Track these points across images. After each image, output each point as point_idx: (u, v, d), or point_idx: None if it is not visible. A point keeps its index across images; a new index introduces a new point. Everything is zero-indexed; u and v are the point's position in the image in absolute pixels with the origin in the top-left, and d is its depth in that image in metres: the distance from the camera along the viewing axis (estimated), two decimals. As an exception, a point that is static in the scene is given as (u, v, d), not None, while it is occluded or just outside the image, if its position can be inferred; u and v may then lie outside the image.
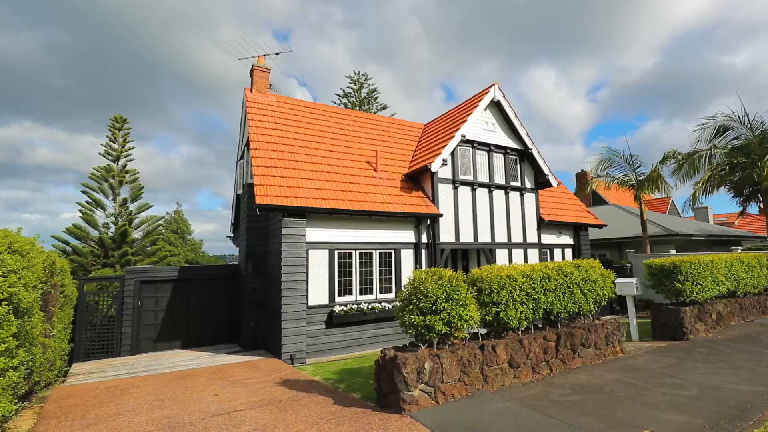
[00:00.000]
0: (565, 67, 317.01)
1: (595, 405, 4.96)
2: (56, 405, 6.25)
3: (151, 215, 24.05)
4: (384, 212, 10.80)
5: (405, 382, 4.78)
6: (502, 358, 5.67)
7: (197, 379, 7.59)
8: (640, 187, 17.93)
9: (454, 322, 5.19)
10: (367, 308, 10.42)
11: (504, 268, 6.12)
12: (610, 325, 7.23)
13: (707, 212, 27.14)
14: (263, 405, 5.64)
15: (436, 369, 5.00)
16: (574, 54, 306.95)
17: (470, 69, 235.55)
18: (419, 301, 5.09)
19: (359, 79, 34.16)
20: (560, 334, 6.42)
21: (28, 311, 4.91)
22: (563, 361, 6.43)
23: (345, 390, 6.39)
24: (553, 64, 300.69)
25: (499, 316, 5.80)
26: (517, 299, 5.95)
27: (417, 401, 4.83)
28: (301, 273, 9.63)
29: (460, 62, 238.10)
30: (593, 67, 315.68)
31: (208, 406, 5.76)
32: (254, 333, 11.17)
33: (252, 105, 12.79)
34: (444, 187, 12.36)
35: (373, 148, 13.50)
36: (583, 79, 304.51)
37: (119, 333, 10.39)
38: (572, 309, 6.76)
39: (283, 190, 9.93)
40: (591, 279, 7.03)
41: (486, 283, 5.73)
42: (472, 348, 5.46)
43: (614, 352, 7.23)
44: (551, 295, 6.41)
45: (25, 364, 4.92)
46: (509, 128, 13.93)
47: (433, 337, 5.20)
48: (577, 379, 6.01)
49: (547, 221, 14.52)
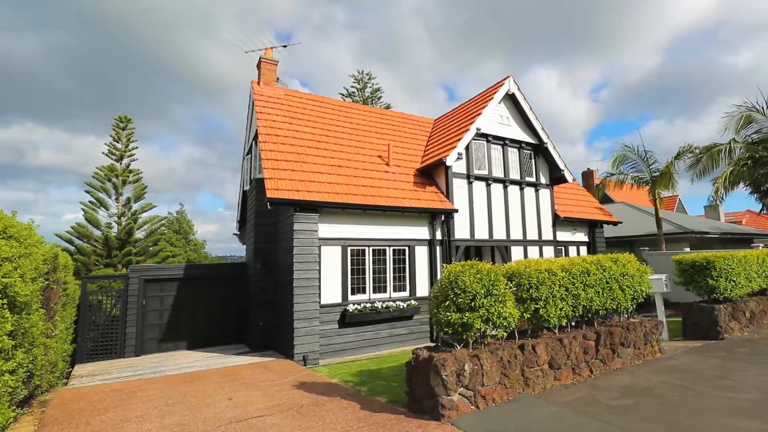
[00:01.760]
0: (567, 67, 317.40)
1: (651, 410, 4.52)
2: (59, 410, 5.80)
3: (155, 215, 23.67)
4: (398, 207, 10.37)
5: (444, 386, 4.34)
6: (542, 358, 5.22)
7: (207, 382, 7.15)
8: (655, 183, 17.51)
9: (493, 319, 4.75)
10: (382, 307, 10.00)
11: (541, 261, 5.68)
12: (648, 323, 6.78)
13: (718, 210, 26.64)
14: (283, 410, 5.20)
15: (476, 371, 4.56)
16: (576, 54, 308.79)
17: (473, 69, 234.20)
18: (456, 297, 4.64)
19: (363, 78, 33.74)
20: (600, 333, 5.98)
21: (26, 306, 4.39)
22: (603, 362, 5.99)
23: (368, 393, 5.95)
24: (556, 64, 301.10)
25: (538, 314, 5.36)
26: (557, 295, 5.50)
27: (457, 406, 4.38)
28: (314, 270, 9.21)
29: (463, 62, 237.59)
30: (596, 67, 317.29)
31: (222, 412, 5.31)
32: (263, 333, 10.74)
33: (260, 98, 12.36)
34: (458, 182, 11.93)
35: (383, 142, 13.09)
36: (585, 79, 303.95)
37: (123, 333, 9.95)
38: (610, 306, 6.32)
39: (294, 183, 9.51)
40: (629, 274, 6.59)
41: (524, 278, 5.28)
42: (511, 348, 5.01)
43: (653, 352, 6.79)
44: (590, 290, 5.97)
45: (25, 366, 4.42)
46: (523, 122, 13.52)
47: (470, 336, 4.76)
48: (621, 380, 5.56)
49: (563, 218, 14.11)
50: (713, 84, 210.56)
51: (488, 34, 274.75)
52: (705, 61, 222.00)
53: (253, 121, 12.67)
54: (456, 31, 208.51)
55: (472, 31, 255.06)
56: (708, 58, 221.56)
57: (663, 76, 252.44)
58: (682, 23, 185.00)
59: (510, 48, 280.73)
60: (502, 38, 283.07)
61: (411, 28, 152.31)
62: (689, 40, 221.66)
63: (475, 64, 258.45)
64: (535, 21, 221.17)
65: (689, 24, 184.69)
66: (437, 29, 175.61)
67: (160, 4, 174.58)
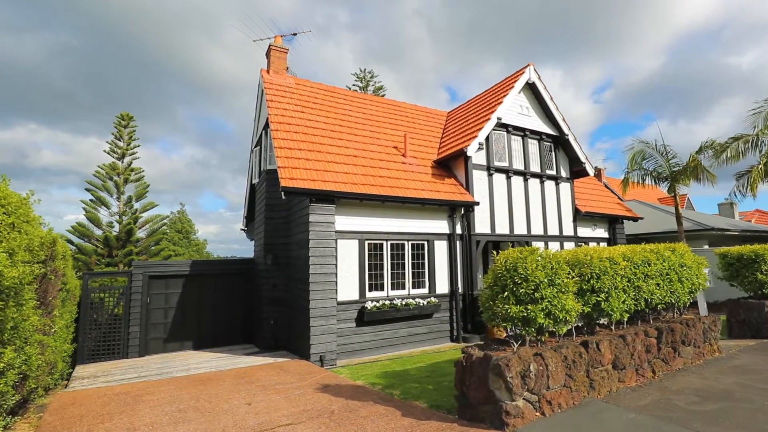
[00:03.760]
0: (570, 68, 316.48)
1: (744, 417, 3.90)
2: (57, 416, 5.17)
3: (156, 214, 23.24)
4: (418, 199, 9.78)
5: (508, 390, 3.71)
6: (607, 358, 4.61)
7: (220, 385, 6.51)
8: (675, 179, 16.91)
9: (555, 313, 4.14)
10: (401, 304, 9.39)
11: (599, 249, 5.06)
12: (707, 320, 6.17)
13: (732, 208, 26.06)
14: (313, 417, 4.56)
15: (542, 372, 3.94)
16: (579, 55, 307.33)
17: (475, 69, 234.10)
18: (517, 287, 4.02)
19: (365, 76, 33.27)
20: (662, 330, 5.36)
21: (14, 293, 3.66)
22: (665, 362, 5.37)
23: (403, 398, 5.32)
24: (559, 65, 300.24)
25: (600, 307, 4.74)
26: (619, 286, 4.90)
27: (522, 413, 3.76)
28: (331, 265, 8.61)
29: (465, 63, 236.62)
30: (598, 68, 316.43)
31: (243, 419, 4.68)
32: (274, 332, 10.11)
33: (270, 86, 11.77)
34: (478, 174, 11.35)
35: (398, 133, 12.52)
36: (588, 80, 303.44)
37: (126, 332, 9.32)
38: (669, 300, 5.71)
39: (309, 173, 8.91)
40: (687, 265, 5.98)
41: (586, 267, 4.67)
42: (575, 346, 4.40)
43: (712, 351, 6.17)
44: (651, 282, 5.36)
45: (16, 367, 3.73)
46: (543, 112, 12.97)
47: (531, 332, 4.15)
48: (690, 382, 4.95)
49: (584, 213, 13.52)
50: (716, 85, 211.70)
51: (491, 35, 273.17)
52: (708, 62, 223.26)
53: (263, 111, 12.09)
54: (458, 32, 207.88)
55: (474, 31, 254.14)
56: (711, 59, 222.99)
57: (666, 77, 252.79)
58: (686, 24, 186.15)
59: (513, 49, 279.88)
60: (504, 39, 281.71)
61: (413, 28, 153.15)
62: (692, 40, 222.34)
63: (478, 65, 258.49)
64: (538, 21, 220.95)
65: (692, 25, 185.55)
66: (439, 30, 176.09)
67: (162, 4, 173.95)
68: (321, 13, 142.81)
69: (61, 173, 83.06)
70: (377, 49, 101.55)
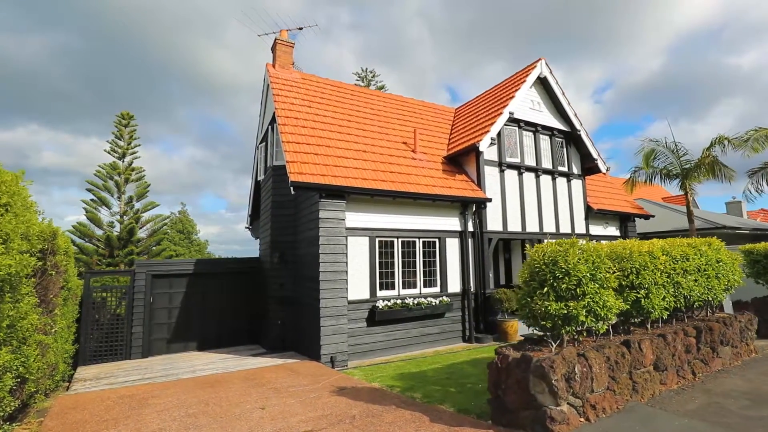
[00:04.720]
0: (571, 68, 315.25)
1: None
2: (58, 421, 4.85)
3: (157, 214, 22.97)
4: (430, 195, 9.49)
5: (552, 393, 3.40)
6: (648, 358, 4.30)
7: (230, 387, 6.20)
8: (687, 176, 16.61)
9: (596, 310, 3.82)
10: (413, 304, 9.08)
11: (637, 242, 4.76)
12: (743, 318, 5.86)
13: (740, 207, 25.73)
14: (333, 423, 4.25)
15: (585, 374, 3.63)
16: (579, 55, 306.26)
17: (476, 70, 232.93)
18: (558, 282, 3.71)
19: (366, 75, 32.95)
20: (701, 329, 5.06)
21: (10, 286, 3.30)
22: (704, 362, 5.06)
23: (425, 401, 5.01)
24: (560, 65, 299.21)
25: (639, 304, 4.43)
26: (659, 282, 4.59)
27: (568, 419, 3.44)
28: (341, 263, 8.30)
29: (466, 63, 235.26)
30: (599, 68, 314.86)
31: (259, 425, 4.35)
32: (282, 332, 9.79)
33: (276, 80, 11.46)
34: (490, 170, 11.05)
35: (406, 128, 12.22)
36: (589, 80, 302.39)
37: (129, 333, 9.00)
38: (706, 297, 5.40)
39: (318, 168, 8.60)
40: (723, 260, 5.67)
41: (626, 261, 4.36)
42: (617, 346, 4.09)
43: (748, 351, 5.86)
44: (689, 278, 5.05)
45: (13, 370, 3.40)
46: (555, 108, 12.68)
47: (571, 331, 3.84)
48: (735, 384, 4.64)
49: (596, 210, 13.22)
50: (717, 85, 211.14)
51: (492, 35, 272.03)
52: (709, 62, 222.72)
53: (269, 106, 11.79)
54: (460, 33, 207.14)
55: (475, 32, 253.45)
56: (712, 59, 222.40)
57: (667, 77, 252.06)
58: (686, 24, 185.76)
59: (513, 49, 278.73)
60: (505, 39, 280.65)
61: (414, 29, 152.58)
62: (693, 41, 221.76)
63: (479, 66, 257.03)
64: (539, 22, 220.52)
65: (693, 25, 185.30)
66: (441, 30, 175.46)
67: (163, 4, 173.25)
68: (322, 13, 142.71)
69: (62, 174, 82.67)
70: (378, 50, 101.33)
